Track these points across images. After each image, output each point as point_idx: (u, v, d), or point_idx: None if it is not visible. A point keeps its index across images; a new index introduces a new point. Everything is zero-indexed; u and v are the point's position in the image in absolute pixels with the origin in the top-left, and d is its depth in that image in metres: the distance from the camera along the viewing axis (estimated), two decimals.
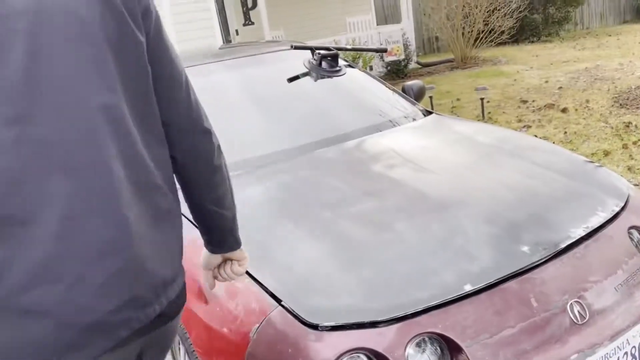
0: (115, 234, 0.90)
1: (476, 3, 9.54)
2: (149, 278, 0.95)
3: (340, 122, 2.49)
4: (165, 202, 1.02)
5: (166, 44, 1.05)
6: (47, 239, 0.84)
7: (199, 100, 1.13)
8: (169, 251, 1.03)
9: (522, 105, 6.21)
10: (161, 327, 1.02)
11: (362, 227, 1.64)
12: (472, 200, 1.76)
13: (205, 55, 2.95)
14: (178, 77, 1.07)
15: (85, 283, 0.86)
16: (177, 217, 1.07)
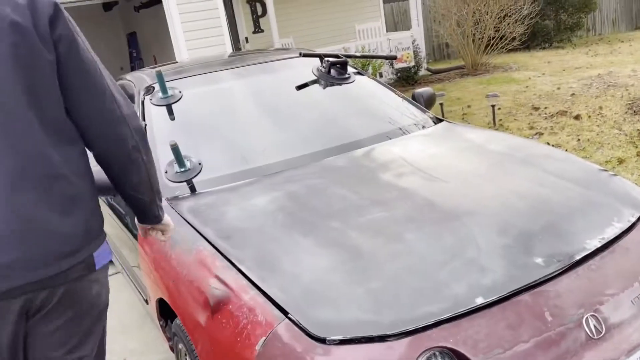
0: (5, 213, 1.13)
1: (487, 10, 9.49)
2: (39, 248, 1.17)
3: (349, 130, 2.47)
4: (70, 189, 1.23)
5: (80, 60, 1.23)
6: None
7: (119, 108, 1.30)
8: (68, 229, 1.22)
9: (534, 112, 6.15)
10: (54, 289, 1.22)
11: (371, 237, 1.60)
12: (483, 209, 1.72)
13: (215, 63, 2.94)
14: (92, 88, 1.26)
15: None
16: (84, 202, 1.26)
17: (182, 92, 2.55)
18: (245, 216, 1.83)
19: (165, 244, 1.81)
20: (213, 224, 1.80)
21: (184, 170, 2.17)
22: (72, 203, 1.23)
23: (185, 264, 1.67)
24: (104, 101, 1.27)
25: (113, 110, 1.29)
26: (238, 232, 1.73)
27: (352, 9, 10.96)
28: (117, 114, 1.29)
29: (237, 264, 1.55)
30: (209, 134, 2.41)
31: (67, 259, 1.23)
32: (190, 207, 1.96)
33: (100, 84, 1.27)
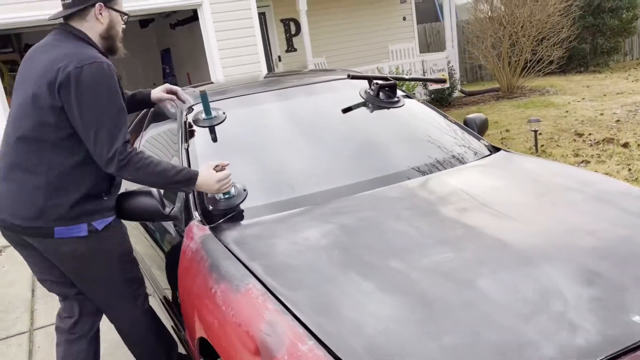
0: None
1: (524, 32, 9.30)
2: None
3: (401, 157, 2.32)
4: (32, 180, 1.89)
5: (72, 108, 1.83)
6: None
7: (106, 138, 1.83)
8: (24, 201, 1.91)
9: (577, 138, 5.91)
10: (22, 235, 1.95)
11: (439, 282, 1.44)
12: (562, 254, 1.55)
13: (256, 84, 2.84)
14: (81, 128, 1.84)
15: None
16: (38, 189, 1.88)
17: (226, 114, 2.44)
18: (296, 251, 1.68)
19: (209, 277, 1.68)
20: (262, 259, 1.66)
21: (229, 197, 2.05)
22: (31, 188, 1.90)
23: (232, 302, 1.53)
24: (90, 139, 1.85)
25: (101, 145, 1.83)
26: (290, 270, 1.59)
27: (385, 29, 10.88)
28: (104, 149, 1.83)
29: (292, 307, 1.41)
30: (253, 159, 2.29)
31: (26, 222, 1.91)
32: (236, 238, 1.83)
33: (90, 126, 1.84)
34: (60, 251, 1.96)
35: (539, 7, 9.15)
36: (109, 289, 2.11)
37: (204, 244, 1.84)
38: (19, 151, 1.89)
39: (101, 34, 1.99)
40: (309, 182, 2.15)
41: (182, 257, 1.94)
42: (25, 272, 4.33)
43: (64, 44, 1.89)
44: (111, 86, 1.84)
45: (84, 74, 1.79)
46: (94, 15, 1.95)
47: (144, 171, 1.87)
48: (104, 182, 1.98)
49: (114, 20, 2.01)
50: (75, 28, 1.95)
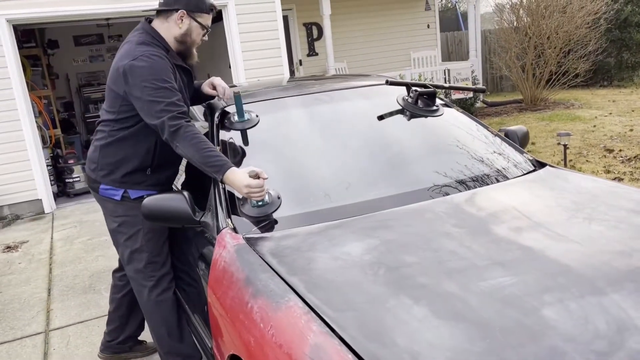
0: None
1: (550, 44, 9.14)
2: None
3: (442, 169, 2.20)
4: (97, 143, 2.32)
5: (130, 92, 2.11)
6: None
7: (157, 109, 2.04)
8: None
9: (607, 154, 5.74)
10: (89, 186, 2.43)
11: (500, 309, 1.32)
12: (632, 283, 1.41)
13: (288, 87, 2.74)
14: (137, 105, 2.11)
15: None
16: (96, 149, 2.32)
17: (259, 117, 2.34)
18: (338, 267, 1.57)
19: (246, 291, 1.57)
20: (302, 274, 1.55)
21: (262, 204, 1.94)
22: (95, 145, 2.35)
23: (272, 320, 1.42)
24: (143, 113, 2.11)
25: (153, 119, 2.07)
26: (333, 287, 1.47)
27: (408, 37, 10.77)
28: (156, 121, 2.05)
29: (339, 330, 1.29)
30: (288, 165, 2.19)
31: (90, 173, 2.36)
32: (272, 250, 1.72)
33: (142, 104, 2.09)
34: (105, 207, 2.36)
35: (566, 19, 8.99)
36: (130, 260, 2.34)
37: (239, 254, 1.73)
38: (103, 121, 2.29)
39: (176, 37, 2.21)
40: (347, 192, 2.04)
41: (213, 267, 1.84)
42: (42, 270, 4.26)
43: (131, 43, 2.17)
44: (157, 71, 2.05)
45: (135, 66, 2.06)
46: (175, 19, 2.18)
47: (189, 142, 1.99)
48: (147, 157, 2.26)
49: (192, 29, 2.22)
50: (149, 27, 2.21)
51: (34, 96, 6.97)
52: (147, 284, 2.34)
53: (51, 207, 6.17)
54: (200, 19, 2.22)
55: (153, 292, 2.34)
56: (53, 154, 7.21)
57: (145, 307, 2.38)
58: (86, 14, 6.16)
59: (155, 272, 2.34)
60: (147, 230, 2.30)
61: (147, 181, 2.31)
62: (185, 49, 2.27)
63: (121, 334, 2.69)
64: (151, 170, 2.30)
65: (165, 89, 2.05)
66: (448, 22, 16.36)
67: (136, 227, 2.30)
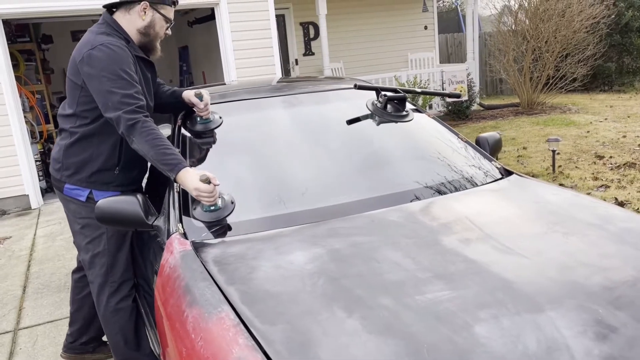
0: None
1: (548, 48, 9.07)
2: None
3: (404, 176, 2.17)
4: (61, 141, 2.26)
5: (88, 82, 2.07)
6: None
7: (114, 101, 2.00)
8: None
9: (597, 161, 5.68)
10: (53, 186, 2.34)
11: (432, 325, 1.28)
12: (574, 301, 1.38)
13: (263, 88, 2.71)
14: (95, 96, 2.06)
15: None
16: (61, 148, 2.25)
17: (222, 118, 2.31)
18: (279, 277, 1.54)
19: (183, 299, 1.54)
20: (240, 284, 1.52)
21: (214, 209, 1.91)
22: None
23: (203, 331, 1.39)
24: (100, 104, 2.06)
25: (109, 110, 2.02)
26: (269, 299, 1.44)
27: (405, 38, 10.71)
28: (112, 115, 2.01)
29: (264, 344, 1.26)
30: (245, 169, 2.15)
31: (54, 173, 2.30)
32: (216, 257, 1.69)
33: (99, 96, 2.05)
34: (68, 207, 2.30)
35: (564, 23, 8.92)
36: (91, 264, 2.28)
37: (183, 260, 1.70)
38: (63, 118, 2.23)
39: (139, 29, 2.18)
40: (303, 198, 2.01)
41: (160, 272, 1.81)
42: (21, 267, 4.25)
43: (91, 33, 2.13)
44: (116, 61, 2.01)
45: (93, 54, 2.02)
46: (137, 11, 2.15)
47: (145, 138, 1.96)
48: (114, 154, 2.20)
49: (155, 21, 2.19)
50: (111, 18, 2.17)
51: (26, 91, 6.96)
52: (107, 290, 2.28)
53: (38, 202, 6.16)
54: (163, 11, 2.19)
55: (112, 299, 2.29)
56: (44, 149, 7.21)
57: (103, 314, 2.32)
58: (80, 9, 6.14)
59: (116, 277, 2.29)
60: (111, 235, 2.25)
61: (116, 181, 2.25)
62: (149, 42, 2.23)
63: (84, 335, 2.65)
64: (119, 169, 2.24)
65: (124, 79, 2.00)
66: (450, 23, 16.28)
67: (99, 230, 2.25)
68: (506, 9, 9.84)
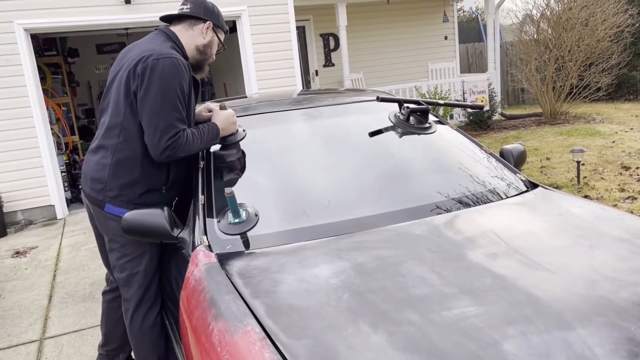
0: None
1: (571, 57, 8.97)
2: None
3: (428, 189, 2.15)
4: (104, 158, 2.16)
5: (141, 93, 2.03)
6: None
7: (159, 129, 2.01)
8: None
9: (623, 172, 5.58)
10: (88, 201, 2.24)
11: (459, 342, 1.27)
12: (603, 317, 1.35)
13: (285, 101, 2.73)
14: (142, 113, 2.05)
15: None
16: (105, 166, 2.14)
17: (246, 131, 2.33)
18: (303, 290, 1.54)
19: (209, 312, 1.55)
20: (265, 297, 1.52)
21: (239, 221, 1.92)
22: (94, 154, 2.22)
23: (229, 345, 1.39)
24: (145, 124, 2.05)
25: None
26: (294, 312, 1.44)
27: (426, 47, 10.70)
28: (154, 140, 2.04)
29: (290, 359, 1.26)
30: (269, 181, 2.17)
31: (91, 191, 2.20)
32: (241, 270, 1.70)
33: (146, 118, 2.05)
34: (107, 226, 2.20)
35: (588, 32, 8.82)
36: (128, 282, 2.23)
37: (207, 273, 1.71)
38: (103, 133, 2.14)
39: (198, 46, 2.23)
40: (327, 211, 2.01)
41: (185, 285, 1.82)
42: (47, 277, 4.32)
43: (155, 40, 2.13)
44: (178, 82, 2.01)
45: (160, 65, 1.98)
46: (201, 29, 2.21)
47: (187, 152, 2.07)
48: (162, 173, 2.17)
49: (213, 43, 2.27)
50: (171, 31, 2.20)
51: (52, 103, 7.13)
52: (144, 308, 2.25)
53: (64, 213, 6.27)
54: (220, 35, 2.29)
55: (148, 317, 2.26)
56: (69, 160, 7.35)
57: (137, 331, 2.27)
58: (103, 24, 6.28)
59: (151, 295, 2.27)
60: (154, 254, 2.23)
61: (162, 201, 2.19)
62: (202, 61, 2.28)
63: (121, 354, 2.62)
64: (166, 188, 2.20)
65: (180, 100, 2.02)
66: (470, 33, 16.21)
67: (141, 249, 2.19)
68: (528, 18, 9.76)
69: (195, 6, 2.19)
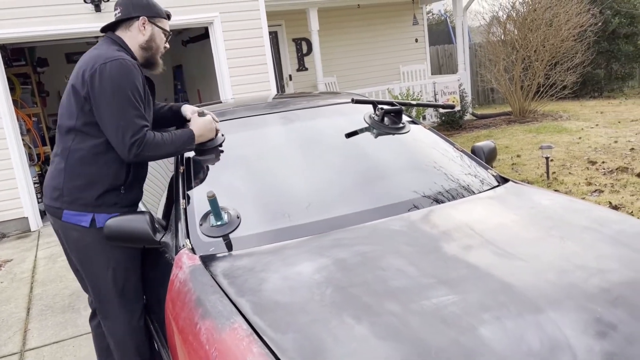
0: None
1: (537, 56, 9.22)
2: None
3: (404, 187, 2.23)
4: (59, 164, 2.13)
5: (95, 99, 2.03)
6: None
7: (122, 130, 2.01)
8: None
9: (590, 166, 5.77)
10: (49, 213, 2.19)
11: (438, 328, 1.33)
12: (572, 301, 1.43)
13: (261, 105, 2.77)
14: (100, 119, 2.05)
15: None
16: (60, 171, 2.12)
17: (224, 136, 2.37)
18: (287, 287, 1.58)
19: (195, 312, 1.58)
20: (250, 295, 1.57)
21: (221, 224, 1.96)
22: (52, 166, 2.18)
23: (217, 342, 1.43)
24: (105, 129, 2.05)
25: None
26: (279, 309, 1.49)
27: (397, 50, 10.86)
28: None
29: (278, 352, 1.30)
30: (250, 184, 2.21)
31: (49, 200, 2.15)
32: (225, 270, 1.73)
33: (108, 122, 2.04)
34: (68, 236, 2.15)
35: (552, 32, 9.08)
36: (103, 290, 2.19)
37: (192, 275, 1.75)
38: (57, 140, 2.16)
39: (141, 44, 2.22)
40: (307, 211, 2.06)
41: (170, 288, 1.85)
42: (23, 289, 4.26)
43: (101, 47, 2.16)
44: (131, 82, 2.01)
45: (107, 69, 2.00)
46: (137, 27, 2.20)
47: (157, 153, 2.07)
48: (121, 172, 2.14)
49: (155, 35, 2.24)
50: (116, 36, 2.21)
51: (22, 114, 7.02)
52: (122, 316, 2.20)
53: (38, 225, 6.18)
54: (160, 24, 2.24)
55: (130, 323, 2.22)
56: (41, 171, 7.24)
57: (119, 341, 2.22)
58: (74, 33, 6.22)
59: (130, 301, 2.22)
60: (120, 259, 2.17)
61: (121, 202, 2.16)
62: (151, 56, 2.25)
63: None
64: (125, 188, 2.16)
65: (136, 99, 2.02)
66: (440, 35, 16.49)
67: (105, 254, 2.14)
68: (495, 20, 10.00)
69: (124, 7, 2.20)
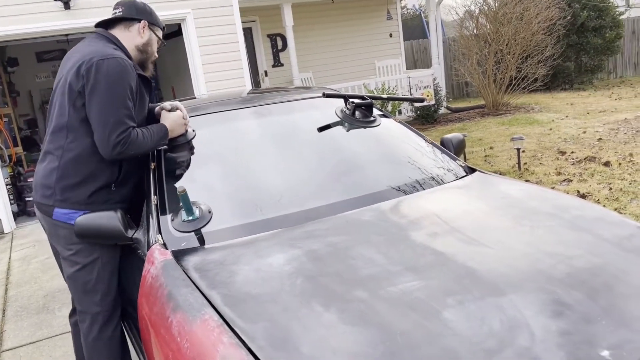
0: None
1: (509, 50, 9.38)
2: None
3: (374, 178, 2.27)
4: (52, 162, 2.12)
5: (88, 95, 2.03)
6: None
7: (109, 128, 2.01)
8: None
9: (560, 156, 5.91)
10: (38, 211, 2.20)
11: (404, 313, 1.38)
12: (532, 284, 1.49)
13: (234, 100, 2.79)
14: (90, 114, 2.04)
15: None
16: (53, 169, 2.11)
17: (195, 131, 2.38)
18: (258, 279, 1.61)
19: (167, 306, 1.60)
20: (221, 287, 1.59)
21: (192, 219, 1.98)
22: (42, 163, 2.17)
23: (188, 334, 1.45)
24: (93, 124, 2.05)
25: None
26: (250, 299, 1.51)
27: (372, 45, 10.92)
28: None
29: (248, 341, 1.33)
30: (221, 179, 2.23)
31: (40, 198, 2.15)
32: (197, 264, 1.75)
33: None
34: (57, 234, 2.16)
35: (523, 26, 9.24)
36: (83, 292, 2.19)
37: (164, 269, 1.76)
38: (49, 138, 2.14)
39: (138, 46, 2.26)
40: (279, 204, 2.09)
41: (142, 283, 1.86)
42: None
43: (96, 43, 2.15)
44: (126, 81, 2.02)
45: (105, 66, 2.00)
46: (138, 29, 2.25)
47: (138, 151, 2.07)
48: (114, 169, 2.14)
49: (152, 40, 2.31)
50: (110, 34, 2.22)
51: None
52: (100, 319, 2.19)
53: (11, 226, 6.08)
54: (157, 33, 2.32)
55: (106, 328, 2.20)
56: (14, 172, 7.11)
57: (94, 344, 2.20)
58: (43, 31, 6.12)
59: (109, 306, 2.20)
60: (106, 261, 2.17)
61: (112, 199, 2.16)
62: (144, 60, 2.30)
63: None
64: (115, 185, 2.15)
65: (129, 98, 2.03)
66: (415, 30, 16.63)
67: (93, 255, 2.13)
68: (467, 14, 10.14)
69: (127, 8, 2.23)
